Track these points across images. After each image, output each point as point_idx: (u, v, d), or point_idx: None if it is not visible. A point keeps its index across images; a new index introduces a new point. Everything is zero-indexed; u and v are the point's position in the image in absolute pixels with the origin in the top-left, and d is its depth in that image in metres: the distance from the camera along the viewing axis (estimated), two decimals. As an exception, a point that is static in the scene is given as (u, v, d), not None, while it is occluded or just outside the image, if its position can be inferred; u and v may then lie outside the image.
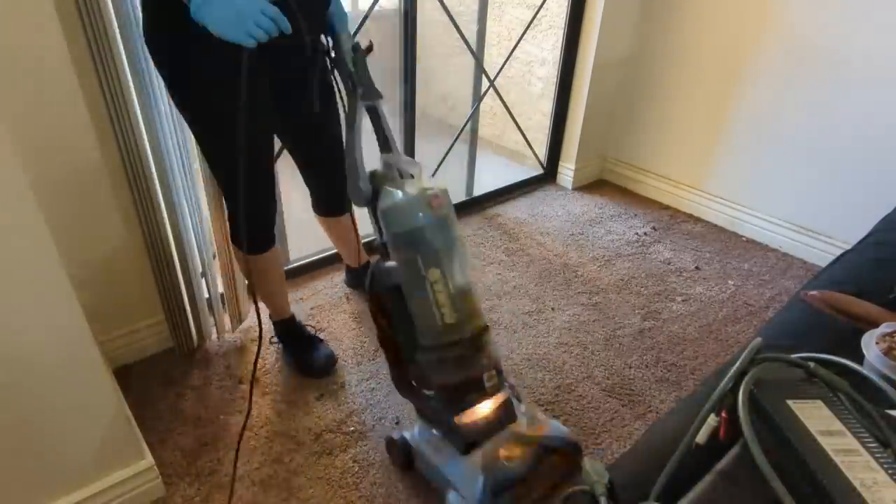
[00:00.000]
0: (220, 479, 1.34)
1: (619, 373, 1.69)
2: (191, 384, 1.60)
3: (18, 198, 0.89)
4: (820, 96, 2.07)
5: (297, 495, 1.32)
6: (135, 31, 1.25)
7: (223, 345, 1.74)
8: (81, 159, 1.33)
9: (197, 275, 1.60)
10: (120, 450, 1.21)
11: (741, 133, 2.34)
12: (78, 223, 1.39)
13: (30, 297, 0.96)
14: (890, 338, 0.75)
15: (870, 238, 1.29)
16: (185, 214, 1.51)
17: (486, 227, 2.46)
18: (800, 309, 1.02)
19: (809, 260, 2.26)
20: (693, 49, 2.39)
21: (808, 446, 0.56)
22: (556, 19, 2.61)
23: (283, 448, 1.43)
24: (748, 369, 0.66)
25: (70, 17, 1.17)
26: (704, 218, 2.56)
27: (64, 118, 1.26)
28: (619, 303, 2.00)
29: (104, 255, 1.47)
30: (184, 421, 1.48)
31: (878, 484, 0.52)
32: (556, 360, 1.73)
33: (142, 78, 1.30)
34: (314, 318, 1.88)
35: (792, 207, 2.28)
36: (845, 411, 0.61)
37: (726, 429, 0.64)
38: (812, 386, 0.65)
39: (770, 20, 2.12)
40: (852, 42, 1.95)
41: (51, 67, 1.20)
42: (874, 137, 1.99)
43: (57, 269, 0.96)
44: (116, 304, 1.55)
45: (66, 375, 1.05)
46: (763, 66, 2.19)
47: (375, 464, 1.40)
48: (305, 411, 1.53)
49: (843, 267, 1.18)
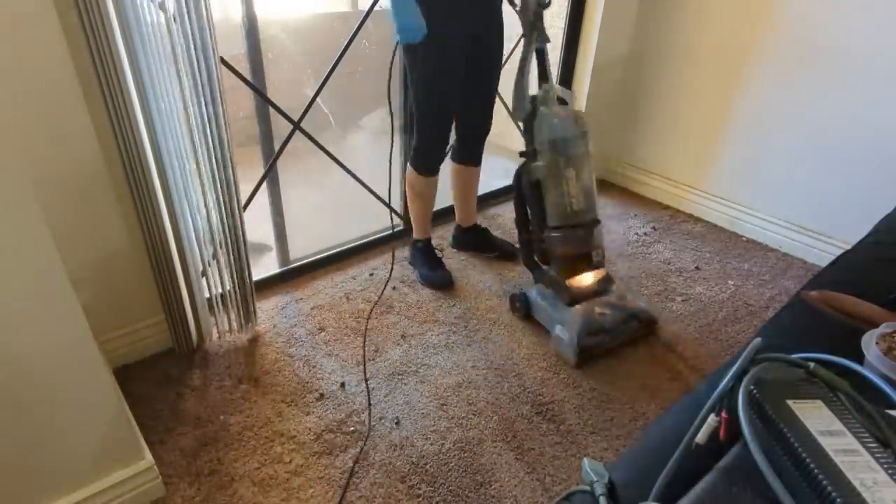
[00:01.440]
0: (220, 479, 1.34)
1: (619, 373, 1.69)
2: (191, 384, 1.60)
3: (19, 198, 0.89)
4: (820, 96, 2.07)
5: (297, 495, 1.32)
6: (135, 31, 1.25)
7: (223, 345, 1.74)
8: (82, 159, 1.33)
9: (197, 275, 1.60)
10: (120, 450, 1.21)
11: (741, 133, 2.34)
12: (78, 223, 1.39)
13: (30, 296, 0.96)
14: (890, 338, 0.75)
15: (870, 238, 1.28)
16: (186, 214, 1.51)
17: (485, 225, 2.46)
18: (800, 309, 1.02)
19: (809, 260, 2.26)
20: (693, 49, 2.39)
21: (808, 446, 0.56)
22: (556, 19, 2.61)
23: (283, 448, 1.43)
24: (748, 369, 0.66)
25: (70, 16, 1.18)
26: (704, 218, 2.56)
27: (64, 118, 1.26)
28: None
29: (104, 255, 1.47)
30: (184, 421, 1.48)
31: (878, 484, 0.52)
32: (556, 359, 1.73)
33: (142, 78, 1.30)
34: (314, 317, 1.88)
35: (792, 207, 2.28)
36: (845, 411, 0.61)
37: (726, 429, 0.64)
38: (812, 386, 0.65)
39: (770, 20, 2.12)
40: (852, 42, 1.95)
41: (51, 68, 1.20)
42: (874, 137, 1.98)
43: (57, 268, 0.96)
44: (116, 304, 1.55)
45: (66, 375, 1.05)
46: (763, 66, 2.19)
47: (375, 464, 1.40)
48: (305, 411, 1.53)
49: (843, 267, 1.18)
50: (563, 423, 1.52)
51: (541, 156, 1.64)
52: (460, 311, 1.94)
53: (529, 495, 1.34)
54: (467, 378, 1.66)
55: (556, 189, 1.62)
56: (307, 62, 2.68)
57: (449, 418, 1.53)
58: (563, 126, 1.60)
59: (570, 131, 1.60)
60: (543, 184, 1.65)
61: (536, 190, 1.68)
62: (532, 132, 1.67)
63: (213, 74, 1.37)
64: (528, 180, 1.69)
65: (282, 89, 2.19)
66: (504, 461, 1.41)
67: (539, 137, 1.64)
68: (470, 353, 1.75)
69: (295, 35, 2.66)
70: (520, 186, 1.73)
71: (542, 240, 1.70)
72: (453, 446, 1.45)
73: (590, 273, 1.73)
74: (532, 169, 1.67)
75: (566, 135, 1.60)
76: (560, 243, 1.66)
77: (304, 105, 1.99)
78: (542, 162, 1.64)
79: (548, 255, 1.73)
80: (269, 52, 2.45)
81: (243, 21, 1.72)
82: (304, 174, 2.53)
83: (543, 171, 1.64)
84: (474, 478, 1.37)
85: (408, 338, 1.81)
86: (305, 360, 1.70)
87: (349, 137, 3.06)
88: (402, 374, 1.67)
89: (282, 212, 2.08)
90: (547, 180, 1.64)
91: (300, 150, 2.10)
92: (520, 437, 1.48)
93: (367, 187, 2.27)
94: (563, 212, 1.63)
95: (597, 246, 1.69)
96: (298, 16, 2.75)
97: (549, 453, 1.44)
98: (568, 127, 1.60)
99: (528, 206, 1.74)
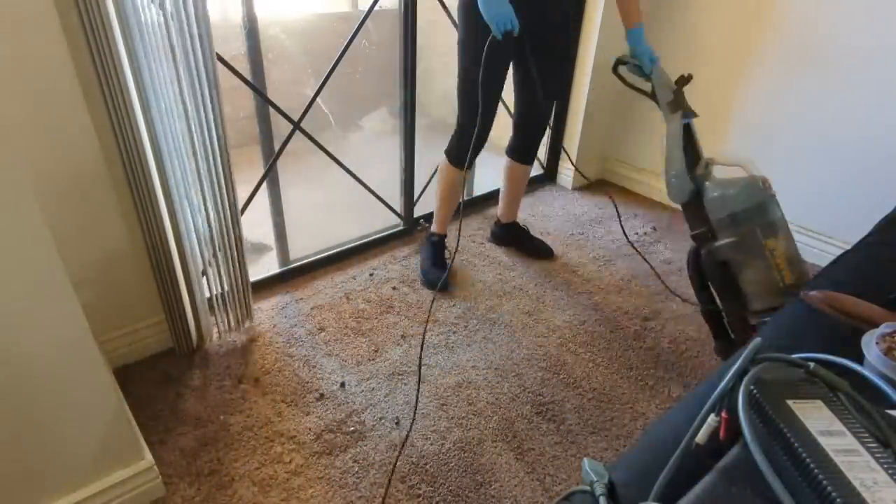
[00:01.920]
0: (220, 479, 1.34)
1: (619, 373, 1.69)
2: (191, 384, 1.60)
3: (19, 198, 0.89)
4: (820, 96, 2.07)
5: (297, 495, 1.32)
6: (135, 31, 1.25)
7: (223, 345, 1.74)
8: (82, 159, 1.33)
9: (197, 275, 1.60)
10: (120, 450, 1.21)
11: (741, 133, 2.34)
12: (78, 223, 1.39)
13: (30, 296, 0.96)
14: (890, 338, 0.75)
15: (870, 238, 1.28)
16: (186, 214, 1.51)
17: (486, 227, 2.46)
18: (800, 309, 1.02)
19: (809, 260, 2.26)
20: (693, 49, 2.39)
21: (808, 446, 0.56)
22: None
23: (283, 448, 1.43)
24: (748, 369, 0.66)
25: (70, 16, 1.18)
26: (704, 218, 2.56)
27: (64, 118, 1.26)
28: (620, 303, 2.00)
29: (104, 255, 1.47)
30: (184, 421, 1.48)
31: (878, 484, 0.52)
32: (556, 359, 1.74)
33: (142, 78, 1.30)
34: (314, 317, 1.88)
35: (792, 207, 2.26)
36: (845, 411, 0.61)
37: (726, 429, 0.64)
38: (812, 386, 0.65)
39: (770, 20, 2.12)
40: (853, 42, 1.95)
41: (51, 67, 1.20)
42: (874, 137, 1.98)
43: (57, 269, 0.96)
44: (116, 304, 1.55)
45: (66, 375, 1.05)
46: (763, 65, 2.19)
47: (375, 464, 1.40)
48: (305, 411, 1.53)
49: (843, 267, 1.18)
50: (563, 423, 1.52)
51: (722, 233, 1.46)
52: (460, 311, 1.94)
53: (529, 495, 1.34)
54: (467, 378, 1.66)
55: (756, 264, 1.41)
56: (307, 62, 2.68)
57: (449, 418, 1.53)
58: (750, 193, 1.41)
59: (759, 196, 1.41)
60: (735, 263, 1.45)
61: (726, 273, 1.48)
62: (700, 213, 1.51)
63: (211, 73, 1.37)
64: (714, 262, 1.49)
65: (282, 89, 2.20)
66: (504, 461, 1.41)
67: (716, 214, 1.47)
68: (470, 353, 1.75)
69: (295, 35, 2.66)
70: (702, 276, 1.56)
71: (752, 328, 1.46)
72: (453, 446, 1.45)
73: None
74: (715, 250, 1.48)
75: (758, 200, 1.40)
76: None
77: (304, 105, 1.99)
78: (726, 239, 1.45)
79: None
80: (270, 53, 2.45)
81: (243, 21, 1.72)
82: (304, 174, 2.53)
83: (732, 249, 1.44)
84: (474, 478, 1.37)
85: (408, 338, 1.81)
86: (305, 360, 1.70)
87: (349, 137, 3.06)
88: (402, 374, 1.67)
89: (282, 212, 2.08)
90: (740, 258, 1.43)
91: (300, 150, 2.10)
92: (520, 437, 1.48)
93: (367, 187, 2.27)
94: (770, 289, 1.39)
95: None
96: (298, 16, 2.75)
97: (549, 453, 1.44)
98: (756, 192, 1.41)
99: (718, 294, 1.54)
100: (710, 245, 1.49)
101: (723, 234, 1.46)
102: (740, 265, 1.43)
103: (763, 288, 1.40)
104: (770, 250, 1.38)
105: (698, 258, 1.54)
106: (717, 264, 1.48)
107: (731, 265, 1.45)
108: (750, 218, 1.41)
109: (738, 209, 1.42)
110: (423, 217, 2.43)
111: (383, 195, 2.33)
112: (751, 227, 1.40)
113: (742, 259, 1.43)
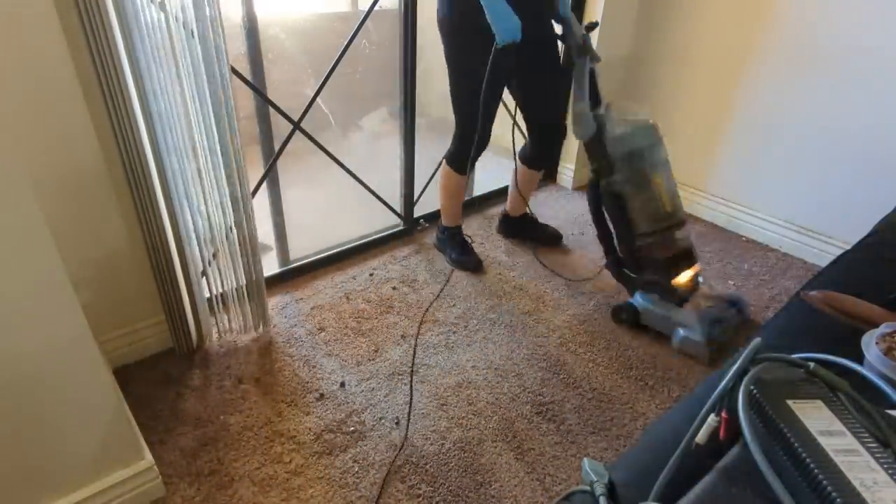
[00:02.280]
0: (220, 479, 1.34)
1: (619, 373, 1.69)
2: (191, 384, 1.60)
3: (19, 198, 0.89)
4: (820, 96, 2.07)
5: (297, 495, 1.32)
6: (135, 31, 1.25)
7: (223, 345, 1.74)
8: (81, 159, 1.33)
9: (197, 275, 1.60)
10: (120, 450, 1.21)
11: (741, 133, 2.34)
12: (78, 223, 1.39)
13: (30, 296, 0.96)
14: (890, 338, 0.75)
15: (870, 238, 1.29)
16: (186, 214, 1.51)
17: (486, 227, 2.46)
18: (800, 309, 1.02)
19: (809, 260, 2.26)
20: (693, 49, 2.39)
21: (808, 446, 0.56)
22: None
23: (283, 448, 1.43)
24: (748, 369, 0.66)
25: (70, 16, 1.18)
26: (704, 218, 2.56)
27: (64, 118, 1.26)
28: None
29: (104, 255, 1.47)
30: (184, 421, 1.48)
31: (878, 484, 0.52)
32: (556, 359, 1.74)
33: (142, 78, 1.30)
34: (314, 317, 1.88)
35: (792, 207, 2.28)
36: (845, 411, 0.61)
37: (726, 429, 0.64)
38: (812, 386, 0.65)
39: (770, 20, 2.12)
40: (852, 42, 1.95)
41: (51, 67, 1.20)
42: (874, 137, 1.98)
43: (57, 268, 0.96)
44: (116, 304, 1.55)
45: (66, 375, 1.05)
46: (763, 65, 2.19)
47: (375, 464, 1.40)
48: (305, 411, 1.53)
49: (843, 267, 1.18)
50: (563, 423, 1.52)
51: (619, 169, 1.69)
52: (460, 311, 1.94)
53: (529, 495, 1.34)
54: (467, 378, 1.66)
55: (643, 196, 1.68)
56: (307, 62, 2.67)
57: (449, 418, 1.53)
58: (643, 136, 1.68)
59: (649, 139, 1.69)
60: (626, 195, 1.69)
61: (619, 202, 1.71)
62: (601, 149, 1.71)
63: (227, 81, 1.39)
64: (611, 193, 1.72)
65: (282, 89, 2.19)
66: (504, 461, 1.41)
67: (614, 152, 1.69)
68: (470, 353, 1.75)
69: (295, 35, 2.65)
70: (598, 203, 1.79)
71: (637, 249, 1.73)
72: (453, 446, 1.45)
73: (688, 270, 1.79)
74: (612, 183, 1.71)
75: (647, 143, 1.68)
76: (660, 247, 1.72)
77: (304, 105, 1.99)
78: (621, 174, 1.69)
79: (643, 263, 1.76)
80: (270, 53, 2.45)
81: (243, 21, 1.72)
82: (304, 174, 2.53)
83: (625, 182, 1.68)
84: (474, 478, 1.37)
85: (408, 338, 1.81)
86: (305, 360, 1.70)
87: (349, 137, 3.06)
88: (402, 374, 1.67)
89: (282, 212, 2.08)
90: (630, 191, 1.68)
91: (300, 150, 2.10)
92: (520, 437, 1.48)
93: (366, 187, 2.27)
94: (655, 216, 1.70)
95: (692, 242, 1.80)
96: (298, 16, 2.74)
97: (549, 453, 1.44)
98: (648, 136, 1.69)
99: (611, 219, 1.78)
100: (609, 178, 1.72)
101: (619, 170, 1.69)
102: (631, 196, 1.69)
103: (648, 214, 1.70)
104: (656, 185, 1.68)
105: (596, 189, 1.77)
106: (613, 195, 1.72)
107: (623, 196, 1.70)
108: (643, 156, 1.68)
109: (634, 148, 1.67)
110: (423, 217, 2.43)
111: (383, 195, 2.33)
112: (643, 164, 1.67)
113: (633, 190, 1.68)
